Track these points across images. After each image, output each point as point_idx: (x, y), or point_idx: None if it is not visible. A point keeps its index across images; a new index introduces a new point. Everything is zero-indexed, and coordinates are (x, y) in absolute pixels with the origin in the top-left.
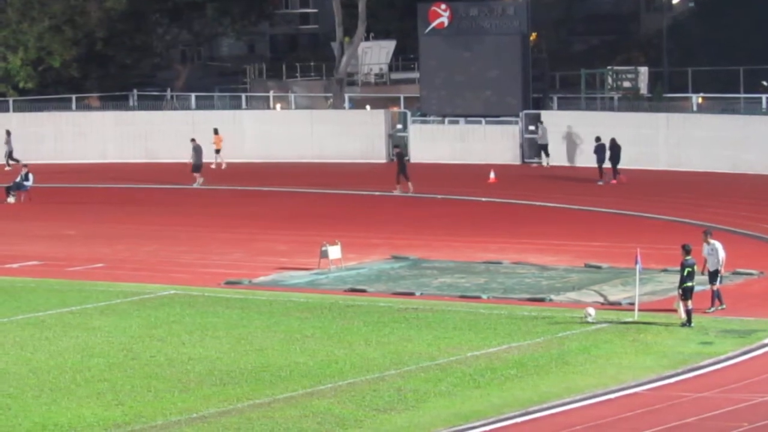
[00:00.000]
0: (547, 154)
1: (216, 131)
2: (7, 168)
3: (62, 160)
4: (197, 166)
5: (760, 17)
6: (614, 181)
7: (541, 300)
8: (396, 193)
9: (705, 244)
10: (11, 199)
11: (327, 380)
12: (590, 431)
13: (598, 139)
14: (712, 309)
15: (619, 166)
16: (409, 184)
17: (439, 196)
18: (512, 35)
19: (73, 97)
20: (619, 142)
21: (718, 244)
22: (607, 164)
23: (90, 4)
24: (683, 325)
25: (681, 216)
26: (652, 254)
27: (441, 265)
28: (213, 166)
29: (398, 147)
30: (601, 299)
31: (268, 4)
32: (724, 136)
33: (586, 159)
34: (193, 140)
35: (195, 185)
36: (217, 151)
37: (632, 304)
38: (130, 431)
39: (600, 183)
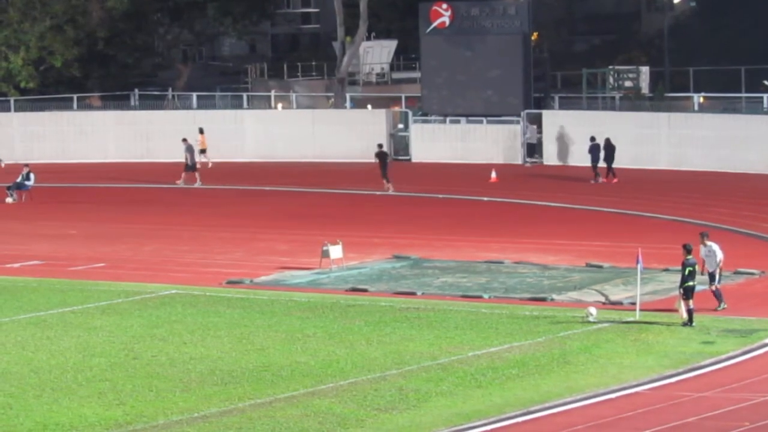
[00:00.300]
0: (536, 153)
1: (201, 131)
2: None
3: (63, 159)
4: (191, 165)
5: (761, 17)
6: (615, 180)
7: (543, 299)
8: (390, 192)
9: (702, 246)
10: (10, 200)
11: (328, 380)
12: (591, 431)
13: (592, 138)
14: (721, 307)
15: (620, 166)
16: (389, 184)
17: (441, 196)
18: (514, 35)
19: (75, 96)
20: (613, 142)
21: (715, 246)
22: (602, 164)
23: (91, 3)
24: (684, 324)
25: (682, 215)
26: (653, 254)
27: (442, 265)
28: (210, 165)
29: (381, 146)
30: (602, 299)
31: (269, 3)
32: (725, 136)
33: (587, 159)
34: (184, 140)
35: (179, 183)
36: (203, 151)
37: (634, 303)
38: (131, 431)
39: (599, 181)
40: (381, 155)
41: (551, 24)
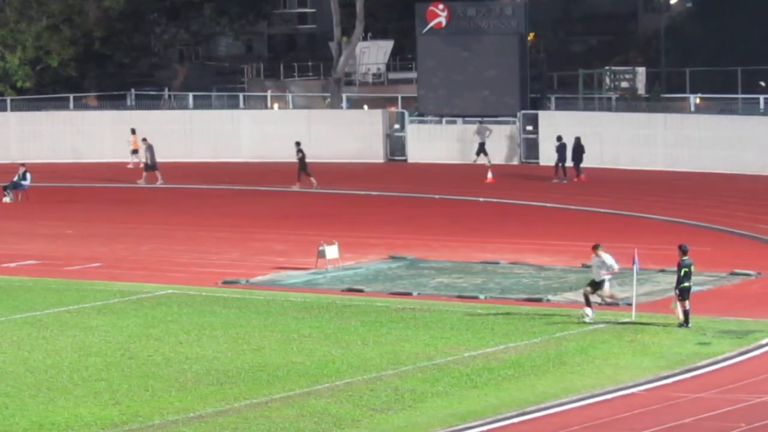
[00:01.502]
0: (485, 153)
1: (133, 131)
2: None
3: (60, 159)
4: (151, 165)
5: (757, 18)
6: (576, 179)
7: (539, 300)
8: (295, 188)
9: (594, 257)
10: (7, 199)
11: (324, 380)
12: (587, 431)
13: (559, 138)
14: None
15: (617, 167)
16: (312, 179)
17: (437, 196)
18: (510, 35)
19: (71, 96)
20: (582, 142)
21: (606, 256)
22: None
23: (88, 3)
24: (680, 325)
25: (678, 216)
26: (649, 254)
27: (438, 265)
28: (130, 166)
29: (299, 143)
30: (598, 299)
31: (265, 3)
32: (721, 137)
33: (585, 159)
34: (144, 140)
35: (140, 182)
36: (134, 152)
37: (629, 304)
38: (127, 431)
39: (558, 181)
40: (300, 152)
41: (548, 24)
